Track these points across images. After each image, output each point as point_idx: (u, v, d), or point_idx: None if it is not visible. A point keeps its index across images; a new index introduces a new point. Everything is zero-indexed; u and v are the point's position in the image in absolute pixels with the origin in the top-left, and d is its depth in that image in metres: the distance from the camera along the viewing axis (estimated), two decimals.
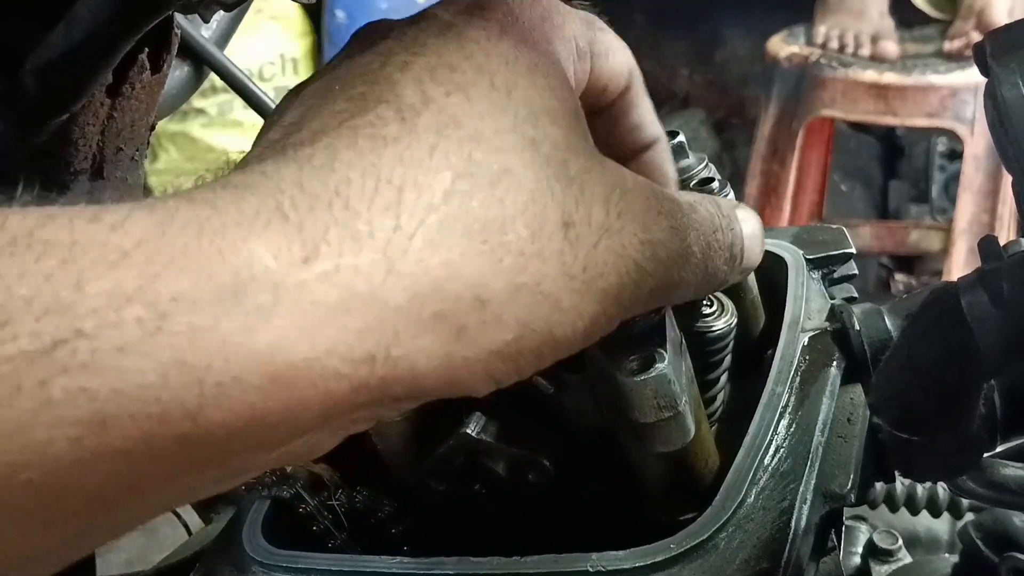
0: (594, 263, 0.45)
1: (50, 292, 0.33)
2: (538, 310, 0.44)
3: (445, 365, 0.42)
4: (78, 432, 0.33)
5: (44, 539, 0.35)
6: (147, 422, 0.34)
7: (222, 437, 0.36)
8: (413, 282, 0.40)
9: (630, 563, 0.53)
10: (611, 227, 0.46)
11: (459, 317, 0.42)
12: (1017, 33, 0.49)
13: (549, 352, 0.45)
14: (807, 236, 0.78)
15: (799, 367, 0.66)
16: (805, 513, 0.56)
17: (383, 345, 0.40)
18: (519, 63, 0.46)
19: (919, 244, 3.27)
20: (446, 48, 0.46)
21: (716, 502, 0.56)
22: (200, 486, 0.40)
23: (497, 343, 0.43)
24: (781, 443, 0.60)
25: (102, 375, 0.33)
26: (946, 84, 2.84)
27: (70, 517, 0.35)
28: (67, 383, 0.33)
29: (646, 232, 0.47)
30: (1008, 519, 0.81)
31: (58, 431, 0.33)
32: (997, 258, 0.52)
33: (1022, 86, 0.47)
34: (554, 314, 0.44)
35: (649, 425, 0.56)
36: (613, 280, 0.46)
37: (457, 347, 0.42)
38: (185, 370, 0.35)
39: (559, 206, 0.44)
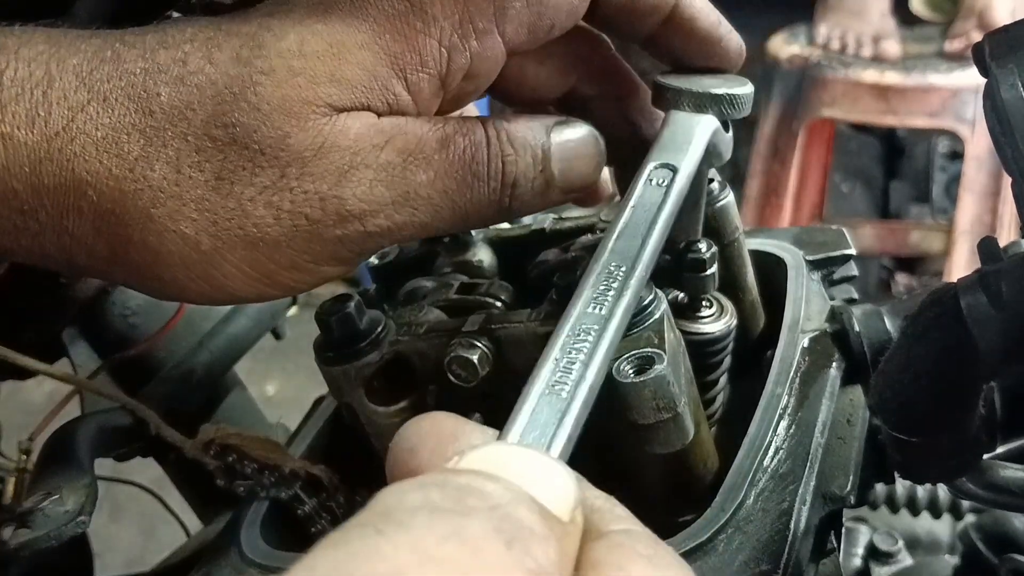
0: (244, 214, 0.51)
1: None
2: (169, 244, 0.51)
3: (86, 253, 0.52)
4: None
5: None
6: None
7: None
8: (59, 171, 0.50)
9: None
10: (279, 186, 0.51)
11: (94, 218, 0.51)
12: (1016, 34, 0.49)
13: (197, 286, 0.53)
14: (807, 237, 0.78)
15: (799, 368, 0.65)
16: (805, 515, 0.56)
17: (32, 207, 0.50)
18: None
19: (920, 245, 3.27)
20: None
21: (715, 504, 0.55)
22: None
23: (129, 258, 0.52)
24: (781, 444, 0.60)
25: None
26: (947, 84, 2.84)
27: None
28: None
29: (333, 189, 0.51)
30: (1008, 520, 0.81)
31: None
32: (996, 259, 0.52)
33: (1021, 87, 0.46)
34: (189, 251, 0.52)
35: (648, 426, 0.56)
36: (272, 231, 0.52)
37: (95, 243, 0.51)
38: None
39: (220, 161, 0.50)
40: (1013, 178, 0.49)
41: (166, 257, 0.52)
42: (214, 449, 0.68)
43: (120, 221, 0.51)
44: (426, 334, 0.61)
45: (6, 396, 1.14)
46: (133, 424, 0.85)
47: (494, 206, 0.56)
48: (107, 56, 0.51)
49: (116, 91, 0.50)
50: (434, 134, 0.53)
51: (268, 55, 0.51)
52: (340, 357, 0.61)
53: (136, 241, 0.52)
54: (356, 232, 0.53)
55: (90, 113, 0.50)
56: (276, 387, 3.28)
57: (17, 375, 0.91)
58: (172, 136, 0.50)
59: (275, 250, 0.53)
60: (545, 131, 0.57)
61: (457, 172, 0.54)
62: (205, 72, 0.51)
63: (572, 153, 0.57)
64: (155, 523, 2.63)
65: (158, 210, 0.51)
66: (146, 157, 0.50)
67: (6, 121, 0.49)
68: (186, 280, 0.53)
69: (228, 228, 0.52)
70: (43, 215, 0.51)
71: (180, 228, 0.51)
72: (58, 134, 0.50)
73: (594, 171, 0.59)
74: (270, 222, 0.52)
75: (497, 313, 0.63)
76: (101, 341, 1.01)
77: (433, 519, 0.30)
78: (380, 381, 0.62)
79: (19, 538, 0.69)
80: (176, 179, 0.51)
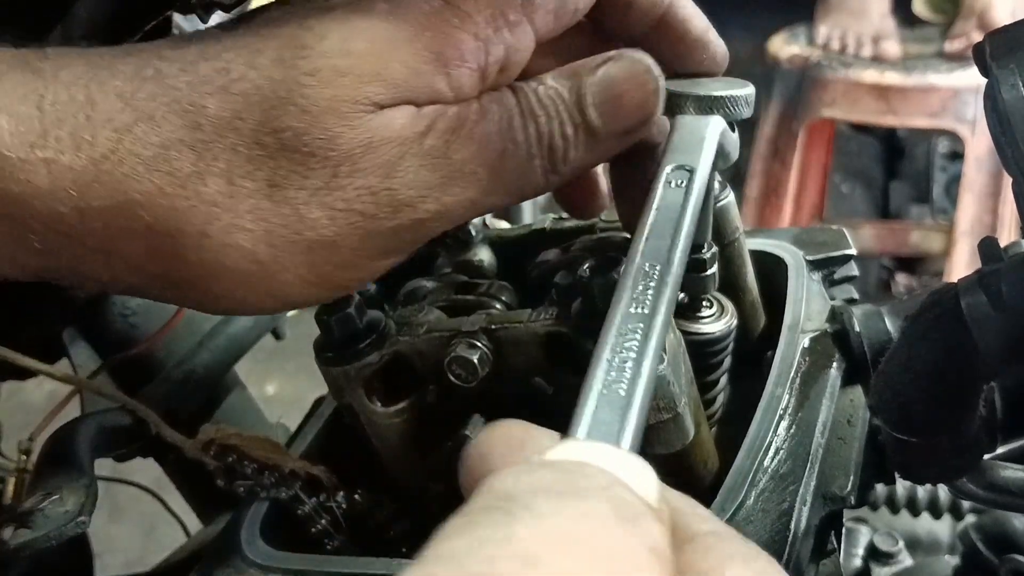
0: (299, 219, 0.51)
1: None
2: (225, 259, 0.51)
3: (137, 274, 0.52)
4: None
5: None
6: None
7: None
8: (109, 195, 0.49)
9: None
10: (331, 186, 0.50)
11: (148, 241, 0.50)
12: (1017, 34, 0.49)
13: (256, 297, 0.53)
14: (807, 237, 0.78)
15: (799, 369, 0.65)
16: (805, 515, 0.56)
17: (79, 232, 0.49)
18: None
19: (920, 245, 3.27)
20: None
21: (715, 504, 0.55)
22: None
23: (185, 274, 0.51)
24: (781, 445, 0.60)
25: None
26: (947, 85, 2.84)
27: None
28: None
29: (383, 182, 0.51)
30: (1008, 521, 0.81)
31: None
32: (997, 260, 0.52)
33: (1022, 87, 0.46)
34: (247, 264, 0.51)
35: (648, 427, 0.55)
36: (328, 232, 0.51)
37: (147, 263, 0.51)
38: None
39: (271, 168, 0.50)
40: (1014, 178, 0.49)
41: (223, 272, 0.51)
42: (214, 449, 0.68)
43: (175, 240, 0.50)
44: (426, 334, 0.61)
45: (6, 396, 1.14)
46: (133, 424, 0.85)
47: (539, 171, 0.55)
48: (148, 75, 0.51)
49: (162, 108, 0.50)
50: (470, 111, 0.53)
51: (311, 56, 0.51)
52: (340, 357, 0.61)
53: (192, 260, 0.51)
54: (409, 220, 0.53)
55: (137, 134, 0.49)
56: (276, 387, 3.28)
57: (17, 375, 0.91)
58: (222, 148, 0.50)
59: (332, 251, 0.52)
60: (579, 79, 0.55)
61: (496, 143, 0.53)
62: (249, 79, 0.50)
63: (614, 91, 0.55)
64: (155, 523, 2.63)
65: (213, 225, 0.50)
66: (198, 172, 0.50)
67: (49, 146, 0.48)
68: (244, 293, 0.53)
69: (284, 235, 0.51)
70: (91, 240, 0.50)
71: (237, 241, 0.51)
72: (106, 157, 0.49)
73: (647, 102, 0.56)
74: (325, 223, 0.51)
75: (497, 313, 0.63)
76: (101, 341, 1.01)
77: (557, 501, 0.30)
78: (380, 381, 0.62)
79: (19, 538, 0.69)
80: (229, 191, 0.50)
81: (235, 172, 0.50)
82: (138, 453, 0.90)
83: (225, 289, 0.52)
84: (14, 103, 0.48)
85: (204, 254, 0.51)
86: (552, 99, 0.54)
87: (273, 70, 0.50)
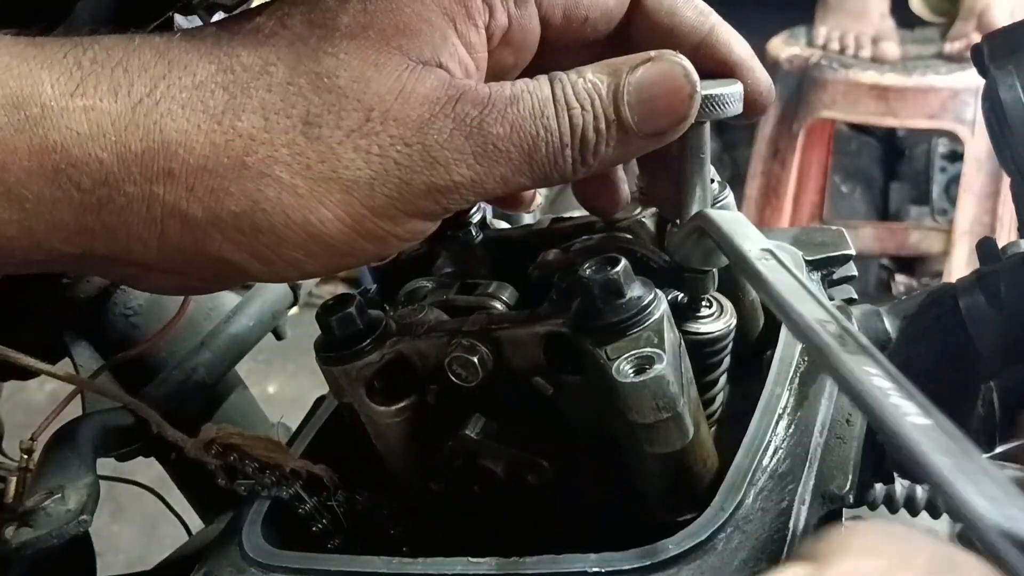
0: (336, 157, 0.52)
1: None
2: (267, 190, 0.52)
3: (180, 218, 0.53)
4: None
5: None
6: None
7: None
8: (146, 135, 0.51)
9: (629, 564, 0.53)
10: (365, 130, 0.52)
11: (187, 177, 0.52)
12: (1015, 35, 0.49)
13: (296, 235, 0.53)
14: (806, 238, 0.78)
15: (798, 368, 0.66)
16: (804, 514, 0.56)
17: (118, 178, 0.51)
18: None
19: (920, 246, 3.27)
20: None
21: (715, 503, 0.56)
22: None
23: (226, 211, 0.52)
24: (780, 444, 0.60)
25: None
26: (947, 85, 2.84)
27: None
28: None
29: (416, 135, 0.53)
30: None
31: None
32: (995, 260, 0.52)
33: (1019, 88, 0.47)
34: (287, 196, 0.53)
35: (647, 426, 0.56)
36: (364, 174, 0.53)
37: (190, 205, 0.52)
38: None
39: (305, 106, 0.52)
40: (1012, 178, 0.49)
41: (264, 204, 0.53)
42: (215, 449, 0.68)
43: (214, 174, 0.52)
44: (427, 334, 0.62)
45: (8, 396, 1.14)
46: (135, 424, 0.85)
47: (570, 161, 0.56)
48: (181, 37, 0.54)
49: (195, 58, 0.52)
50: (504, 91, 0.55)
51: (336, 14, 0.54)
52: (341, 357, 0.62)
53: (233, 192, 0.52)
54: (443, 181, 0.54)
55: (172, 79, 0.52)
56: (277, 387, 3.29)
57: (19, 375, 0.91)
58: (255, 88, 0.52)
59: (368, 194, 0.53)
60: (618, 77, 0.56)
61: (530, 127, 0.54)
62: (280, 34, 0.53)
63: (650, 93, 0.56)
64: (157, 523, 2.63)
65: (251, 157, 0.52)
66: (232, 109, 0.52)
67: (87, 94, 0.51)
68: (284, 229, 0.53)
69: (321, 171, 0.53)
70: (130, 186, 0.52)
71: (275, 172, 0.52)
72: (142, 100, 0.51)
73: (681, 106, 0.56)
74: (360, 165, 0.53)
75: (497, 313, 0.63)
76: (103, 341, 1.01)
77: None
78: (380, 381, 0.62)
79: (21, 537, 0.69)
80: (265, 126, 0.52)
81: (269, 109, 0.52)
82: (140, 452, 0.90)
83: (267, 223, 0.53)
84: (55, 61, 0.51)
85: (245, 183, 0.52)
86: (589, 93, 0.55)
87: (302, 28, 0.54)
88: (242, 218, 0.53)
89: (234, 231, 0.53)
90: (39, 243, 0.53)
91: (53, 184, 0.51)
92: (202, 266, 0.55)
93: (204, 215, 0.53)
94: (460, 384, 0.60)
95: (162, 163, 0.52)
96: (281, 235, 0.54)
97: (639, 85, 0.55)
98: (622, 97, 0.55)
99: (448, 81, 0.54)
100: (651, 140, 0.57)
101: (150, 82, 0.52)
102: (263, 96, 0.52)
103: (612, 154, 0.56)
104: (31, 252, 0.53)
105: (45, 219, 0.52)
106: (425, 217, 0.55)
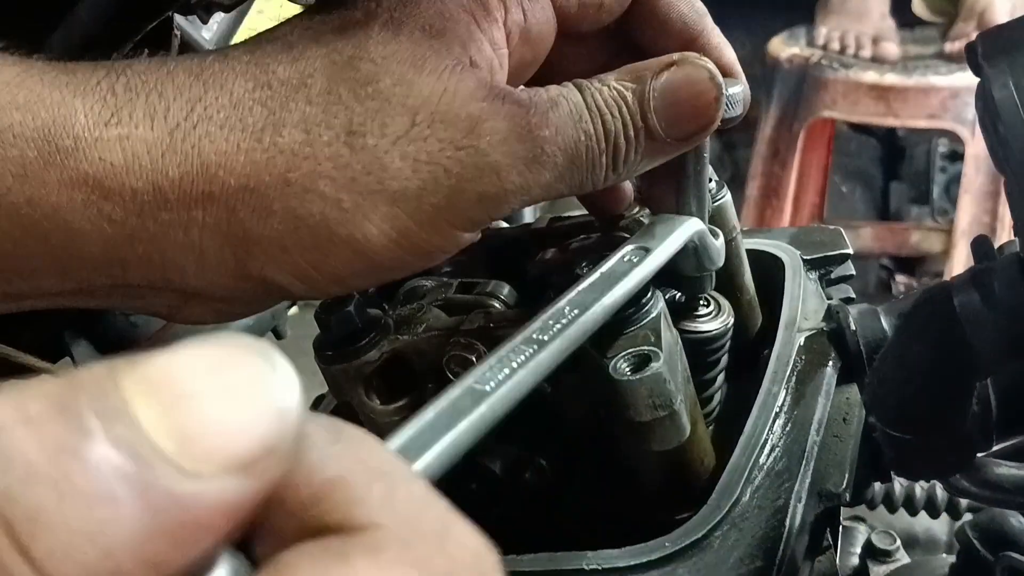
0: (382, 168, 0.50)
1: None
2: (311, 206, 0.50)
3: (221, 241, 0.51)
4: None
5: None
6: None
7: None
8: (185, 160, 0.49)
9: (626, 561, 0.53)
10: (412, 136, 0.50)
11: (228, 200, 0.50)
12: (1009, 34, 0.50)
13: (340, 252, 0.51)
14: (805, 237, 0.79)
15: (795, 367, 0.66)
16: (800, 512, 0.56)
17: (153, 207, 0.49)
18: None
19: (920, 245, 3.27)
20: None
21: (711, 501, 0.56)
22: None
23: (270, 230, 0.50)
24: (776, 442, 0.60)
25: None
26: (947, 85, 2.84)
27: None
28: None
29: (467, 138, 0.51)
30: (1005, 519, 0.81)
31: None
32: (990, 258, 0.53)
33: (1013, 87, 0.47)
34: (332, 211, 0.50)
35: (644, 424, 0.56)
36: (411, 184, 0.50)
37: (231, 227, 0.50)
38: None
39: (347, 116, 0.50)
40: (1005, 177, 0.49)
41: (308, 220, 0.51)
42: None
43: (256, 193, 0.50)
44: (425, 333, 0.62)
45: None
46: None
47: (604, 167, 0.54)
48: (214, 57, 0.52)
49: (231, 77, 0.51)
50: (542, 95, 0.54)
51: (366, 23, 0.52)
52: (340, 356, 0.62)
53: (276, 210, 0.50)
54: (494, 188, 0.52)
55: (209, 100, 0.50)
56: None
57: (19, 375, 0.91)
58: (295, 102, 0.50)
59: (416, 206, 0.51)
60: (642, 83, 0.55)
61: (571, 131, 0.53)
62: (314, 49, 0.52)
63: (676, 98, 0.55)
64: None
65: (294, 174, 0.50)
66: (272, 124, 0.50)
67: (123, 122, 0.49)
68: (329, 245, 0.51)
69: (367, 183, 0.50)
70: (165, 214, 0.50)
71: (319, 187, 0.50)
72: (179, 125, 0.49)
73: (708, 110, 0.55)
74: (408, 174, 0.50)
75: (496, 312, 0.64)
76: (103, 340, 1.01)
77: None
78: (379, 380, 0.63)
79: None
80: (307, 140, 0.50)
81: (311, 122, 0.50)
82: None
83: (312, 241, 0.51)
84: (88, 88, 0.49)
85: (289, 201, 0.50)
86: (616, 100, 0.54)
87: (335, 39, 0.52)
88: (286, 236, 0.51)
89: (277, 250, 0.51)
90: (68, 275, 0.51)
91: (82, 218, 0.49)
92: (244, 289, 0.53)
93: (246, 235, 0.51)
94: None
95: (202, 187, 0.50)
96: (325, 252, 0.51)
97: (664, 90, 0.55)
98: (648, 103, 0.54)
99: (487, 80, 0.53)
100: (678, 145, 0.56)
101: (187, 105, 0.50)
102: (303, 109, 0.50)
103: (641, 161, 0.56)
104: (61, 284, 0.52)
105: (73, 253, 0.50)
106: (470, 228, 0.54)
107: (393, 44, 0.52)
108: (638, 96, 0.54)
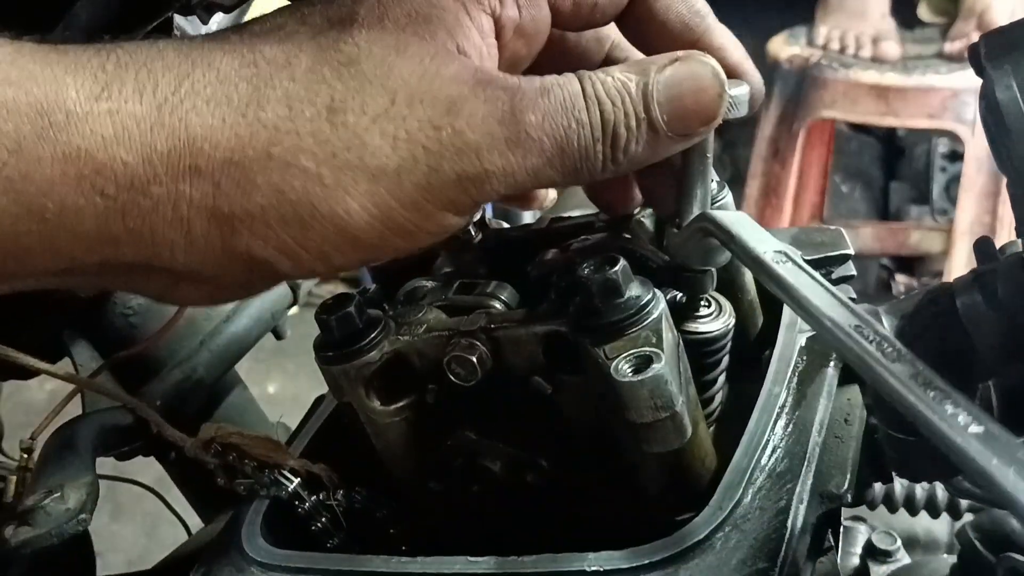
0: (362, 144, 0.52)
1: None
2: (292, 180, 0.52)
3: (207, 215, 0.52)
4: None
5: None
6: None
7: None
8: (172, 134, 0.51)
9: (627, 563, 0.53)
10: (392, 114, 0.52)
11: (213, 172, 0.51)
12: (1012, 35, 0.49)
13: (323, 228, 0.52)
14: (805, 237, 0.79)
15: (796, 368, 0.66)
16: (802, 513, 0.56)
17: (143, 180, 0.51)
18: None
19: (920, 245, 3.27)
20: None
21: (713, 502, 0.56)
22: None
23: (253, 204, 0.52)
24: (778, 443, 0.60)
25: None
26: (947, 85, 2.84)
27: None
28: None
29: (446, 118, 0.52)
30: (1006, 520, 0.81)
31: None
32: (992, 259, 0.52)
33: (1016, 87, 0.47)
34: (313, 186, 0.52)
35: (645, 425, 0.56)
36: (391, 161, 0.52)
37: (216, 201, 0.52)
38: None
39: (329, 93, 0.52)
40: (1008, 177, 0.49)
41: (290, 194, 0.52)
42: (215, 448, 0.69)
43: (239, 167, 0.51)
44: (426, 334, 0.62)
45: (8, 395, 1.14)
46: (134, 423, 0.85)
47: (600, 158, 0.55)
48: (204, 38, 0.54)
49: (219, 55, 0.52)
50: (533, 82, 0.54)
51: (353, 8, 0.54)
52: (340, 356, 0.62)
53: (259, 184, 0.52)
54: (474, 169, 0.53)
55: (196, 76, 0.52)
56: (277, 386, 3.29)
57: (19, 375, 0.91)
58: (279, 79, 0.52)
59: (396, 184, 0.52)
60: (646, 75, 0.55)
61: (561, 119, 0.53)
62: (301, 30, 0.54)
63: (679, 92, 0.55)
64: (157, 522, 2.63)
65: (276, 148, 0.51)
66: (256, 100, 0.52)
67: (112, 97, 0.50)
68: (311, 220, 0.52)
69: (347, 160, 0.52)
70: (156, 187, 0.51)
71: (300, 162, 0.52)
72: (167, 99, 0.51)
73: (710, 106, 0.56)
74: (388, 152, 0.52)
75: (496, 313, 0.64)
76: (102, 341, 1.01)
77: None
78: (380, 380, 0.63)
79: (20, 536, 0.69)
80: (289, 115, 0.52)
81: (293, 97, 0.52)
82: (139, 452, 0.91)
83: (295, 216, 0.52)
84: (79, 66, 0.51)
85: (271, 175, 0.52)
86: (619, 90, 0.55)
87: (322, 24, 0.54)
88: (269, 211, 0.52)
89: (261, 225, 0.53)
90: (59, 253, 0.52)
91: (76, 192, 0.50)
92: (231, 267, 0.54)
93: (231, 210, 0.52)
94: (459, 383, 0.60)
95: (188, 160, 0.51)
96: (308, 227, 0.53)
97: (668, 84, 0.55)
98: (651, 96, 0.55)
99: (473, 65, 0.54)
100: (680, 140, 0.56)
101: (174, 81, 0.51)
102: (287, 86, 0.52)
103: (641, 153, 0.56)
104: (51, 262, 0.53)
105: (66, 228, 0.51)
106: (454, 210, 0.54)
107: (378, 29, 0.53)
108: (641, 88, 0.55)
